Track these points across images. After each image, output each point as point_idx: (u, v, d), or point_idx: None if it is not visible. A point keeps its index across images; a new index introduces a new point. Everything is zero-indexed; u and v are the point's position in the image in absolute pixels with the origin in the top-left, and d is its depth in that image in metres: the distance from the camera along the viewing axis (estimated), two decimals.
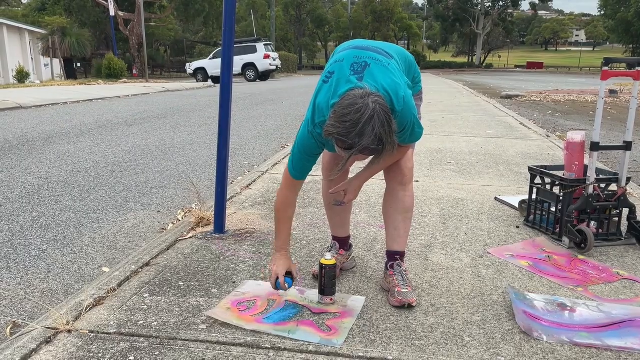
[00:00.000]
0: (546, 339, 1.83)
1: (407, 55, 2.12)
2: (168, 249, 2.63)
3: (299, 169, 2.02)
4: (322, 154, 2.28)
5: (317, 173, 4.25)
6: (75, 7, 34.27)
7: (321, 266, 2.02)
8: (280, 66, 28.40)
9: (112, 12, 26.23)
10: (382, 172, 2.18)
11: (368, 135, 1.65)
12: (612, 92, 15.12)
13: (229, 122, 2.79)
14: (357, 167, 2.07)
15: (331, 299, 2.05)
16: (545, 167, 3.03)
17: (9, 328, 2.04)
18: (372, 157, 1.81)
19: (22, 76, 22.90)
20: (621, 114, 10.40)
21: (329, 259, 2.02)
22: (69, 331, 1.83)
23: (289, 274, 2.07)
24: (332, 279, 2.04)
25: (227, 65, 2.72)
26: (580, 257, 2.62)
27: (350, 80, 1.82)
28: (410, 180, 2.15)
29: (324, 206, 2.45)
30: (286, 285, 2.04)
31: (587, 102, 14.01)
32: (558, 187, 2.87)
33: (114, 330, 1.84)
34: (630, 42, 52.16)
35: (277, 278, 2.04)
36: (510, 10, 61.99)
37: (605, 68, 2.66)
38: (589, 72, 51.44)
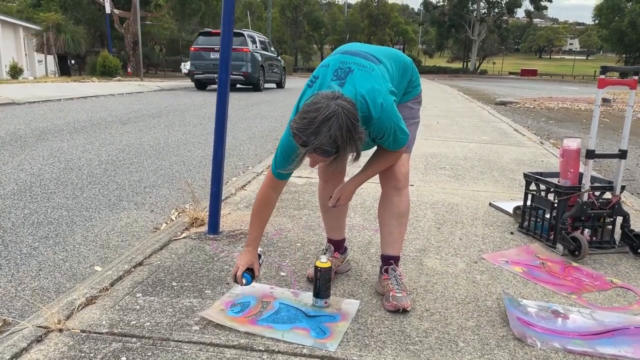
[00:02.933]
0: (540, 346, 1.83)
1: (403, 59, 2.11)
2: (161, 249, 2.61)
3: (281, 169, 2.03)
4: None
5: (312, 175, 4.25)
6: (71, 3, 34.06)
7: (316, 269, 2.01)
8: None
9: (107, 10, 26.11)
10: (377, 176, 2.17)
11: (323, 135, 1.66)
12: (606, 100, 15.23)
13: (226, 122, 2.78)
14: (357, 167, 2.07)
15: (326, 302, 2.04)
16: (541, 174, 3.04)
17: None
18: (334, 160, 1.77)
19: (15, 72, 22.74)
20: (614, 123, 10.47)
21: (324, 261, 2.01)
22: (60, 330, 1.81)
23: (250, 270, 2.05)
24: (327, 282, 2.03)
25: (224, 65, 2.71)
26: (574, 264, 2.62)
27: (331, 86, 1.84)
28: (405, 185, 2.14)
29: (319, 208, 2.45)
30: (243, 280, 2.02)
31: (581, 110, 14.10)
32: (553, 194, 2.88)
33: (106, 330, 1.82)
34: (623, 51, 52.61)
35: (236, 275, 2.03)
36: (505, 18, 62.34)
37: (602, 76, 2.67)
38: (582, 80, 51.82)
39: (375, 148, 2.09)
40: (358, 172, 2.08)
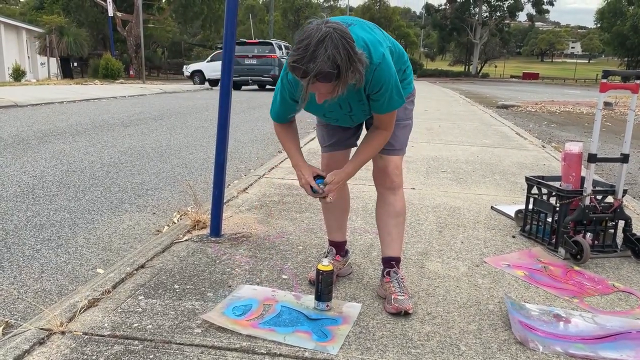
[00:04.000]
0: (542, 350, 1.83)
1: (397, 44, 2.08)
2: (163, 252, 2.62)
3: (275, 112, 2.07)
4: (321, 157, 2.30)
5: None
6: (74, 6, 34.21)
7: (318, 272, 2.01)
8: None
9: (110, 13, 26.21)
10: (372, 180, 2.19)
11: (320, 57, 1.60)
12: (607, 104, 15.22)
13: (228, 125, 2.78)
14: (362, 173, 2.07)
15: (327, 305, 2.05)
16: (542, 178, 3.04)
17: (1, 328, 2.02)
18: (334, 91, 1.71)
19: (18, 74, 22.79)
20: (616, 126, 10.46)
21: (325, 264, 2.01)
22: (63, 332, 1.81)
23: (317, 176, 2.03)
24: (329, 285, 2.03)
25: (227, 68, 2.72)
26: (576, 268, 2.62)
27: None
28: (399, 186, 2.16)
29: (321, 211, 2.45)
30: (321, 186, 2.00)
31: (582, 113, 14.09)
32: (555, 198, 2.88)
33: (108, 333, 1.83)
34: (625, 55, 52.58)
35: (311, 187, 2.00)
36: (507, 21, 62.35)
37: (604, 80, 2.67)
38: (584, 84, 51.80)
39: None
40: (349, 160, 2.08)
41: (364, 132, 2.17)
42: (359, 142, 2.15)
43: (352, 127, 2.19)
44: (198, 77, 25.59)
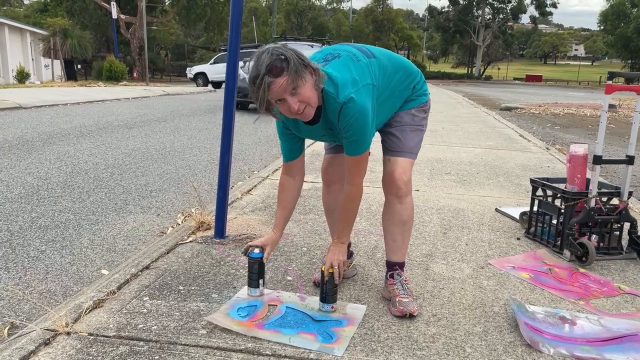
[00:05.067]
0: (552, 353, 1.82)
1: (404, 62, 2.11)
2: (168, 253, 2.62)
3: (284, 151, 2.13)
4: (322, 160, 2.31)
5: (317, 180, 4.25)
6: (77, 9, 34.31)
7: (322, 273, 2.01)
8: None
9: (114, 15, 26.29)
10: (380, 184, 2.18)
11: (265, 57, 1.71)
12: (611, 106, 15.19)
13: (233, 127, 2.79)
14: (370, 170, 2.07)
15: (332, 307, 2.04)
16: (547, 180, 3.04)
17: (6, 329, 2.03)
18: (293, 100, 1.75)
19: (22, 76, 22.87)
20: (620, 128, 10.44)
21: (329, 266, 2.01)
22: (68, 333, 1.82)
23: (260, 248, 2.10)
24: (334, 287, 2.03)
25: (232, 70, 2.72)
26: (582, 270, 2.61)
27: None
28: (407, 193, 2.12)
29: (324, 213, 2.45)
30: (248, 250, 2.10)
31: (586, 115, 14.06)
32: (560, 200, 2.87)
33: (114, 334, 1.83)
34: (628, 57, 52.45)
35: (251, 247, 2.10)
36: (510, 23, 62.22)
37: (610, 82, 2.66)
38: (588, 86, 51.69)
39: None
40: (336, 227, 2.16)
41: None
42: None
43: None
44: (201, 79, 25.67)
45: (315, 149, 5.91)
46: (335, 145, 2.25)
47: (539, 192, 3.03)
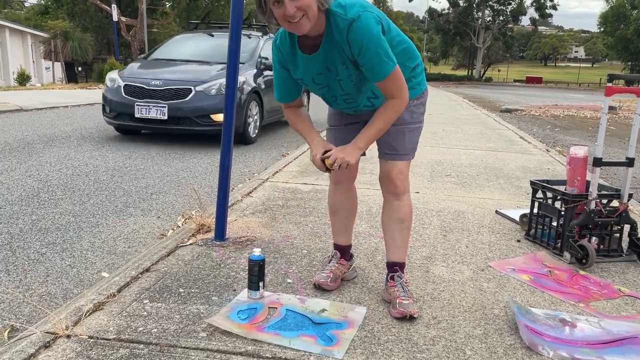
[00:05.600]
0: (552, 355, 1.82)
1: (410, 43, 2.02)
2: (168, 255, 2.62)
3: (278, 89, 2.08)
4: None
5: (318, 182, 4.25)
6: (78, 11, 34.37)
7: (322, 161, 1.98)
8: None
9: (115, 18, 26.30)
10: (376, 184, 2.18)
11: None
12: (611, 108, 15.19)
13: (232, 129, 2.79)
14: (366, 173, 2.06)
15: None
16: (547, 182, 3.04)
17: (6, 332, 2.03)
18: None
19: (23, 79, 22.90)
20: (620, 130, 10.44)
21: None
22: (68, 336, 1.82)
23: (329, 151, 1.98)
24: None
25: (232, 72, 2.72)
26: (582, 272, 2.61)
27: None
28: (404, 191, 2.13)
29: (326, 214, 2.45)
30: (325, 167, 1.95)
31: (586, 117, 14.07)
32: (560, 202, 2.87)
33: (114, 336, 1.83)
34: (629, 59, 52.50)
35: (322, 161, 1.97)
36: (510, 25, 62.31)
37: (609, 84, 2.66)
38: (588, 88, 51.73)
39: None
40: (360, 133, 1.97)
41: None
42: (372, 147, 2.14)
43: (359, 123, 2.11)
44: None
45: None
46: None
47: (539, 194, 3.03)
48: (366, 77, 1.89)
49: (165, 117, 6.45)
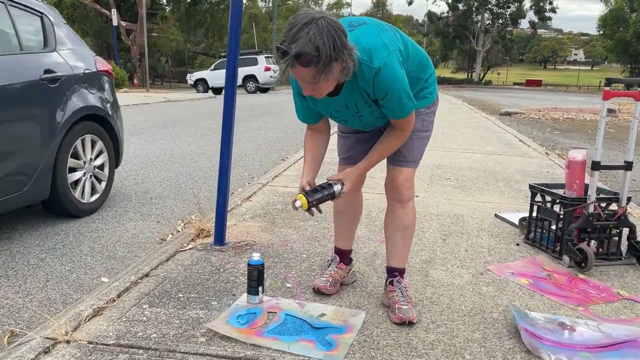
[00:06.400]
0: (553, 359, 1.82)
1: (423, 54, 2.03)
2: (168, 260, 2.62)
3: (299, 112, 2.06)
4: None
5: None
6: (78, 16, 34.46)
7: (328, 184, 1.99)
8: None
9: (114, 22, 26.36)
10: (383, 188, 2.18)
11: (302, 39, 1.58)
12: (611, 111, 15.20)
13: (232, 133, 2.79)
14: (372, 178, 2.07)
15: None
16: (546, 185, 3.04)
17: (6, 337, 2.03)
18: (318, 78, 1.66)
19: None
20: (619, 133, 10.45)
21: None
22: (68, 341, 1.82)
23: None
24: (328, 199, 2.00)
25: (231, 76, 2.73)
26: (581, 276, 2.61)
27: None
28: (409, 199, 2.13)
29: (325, 218, 2.45)
30: (296, 203, 1.93)
31: (586, 120, 14.08)
32: (559, 206, 2.87)
33: (113, 342, 1.83)
34: (628, 61, 52.53)
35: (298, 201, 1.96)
36: (509, 28, 62.38)
37: (607, 88, 2.67)
38: (587, 90, 51.76)
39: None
40: (363, 159, 2.02)
41: None
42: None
43: (367, 132, 2.13)
44: (202, 85, 25.73)
45: (326, 159, 5.90)
46: (350, 154, 2.22)
47: (538, 198, 3.03)
48: None
49: None
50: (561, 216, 2.82)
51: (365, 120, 1.99)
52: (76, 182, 3.62)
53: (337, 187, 1.97)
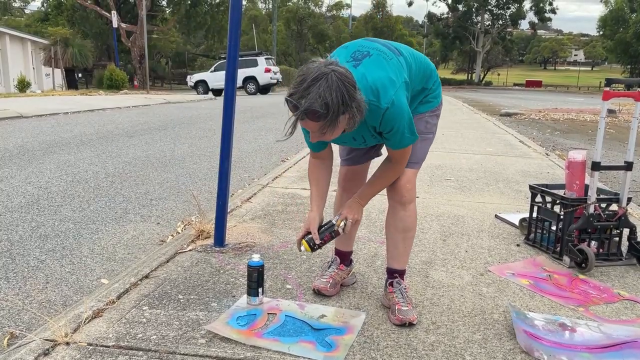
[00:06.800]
0: (547, 359, 1.82)
1: (426, 61, 2.06)
2: (168, 262, 2.62)
3: (306, 140, 2.05)
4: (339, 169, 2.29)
5: None
6: (78, 18, 34.53)
7: (332, 225, 2.05)
8: (281, 80, 28.56)
9: (114, 24, 26.40)
10: (385, 190, 2.18)
11: (311, 95, 1.61)
12: (611, 111, 15.20)
13: (232, 134, 2.79)
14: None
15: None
16: (546, 186, 3.04)
17: (6, 339, 2.03)
18: (327, 130, 1.70)
19: (23, 85, 22.95)
20: (620, 134, 10.45)
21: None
22: (67, 343, 1.82)
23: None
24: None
25: (230, 78, 2.73)
26: (581, 276, 2.61)
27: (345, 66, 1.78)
28: (411, 200, 2.13)
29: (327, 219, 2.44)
30: (301, 247, 2.03)
31: (586, 121, 14.08)
32: (559, 206, 2.87)
33: (113, 343, 1.83)
34: (628, 62, 52.54)
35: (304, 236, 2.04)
36: (509, 29, 62.39)
37: (607, 88, 2.67)
38: (588, 91, 51.74)
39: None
40: (362, 187, 2.09)
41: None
42: (382, 151, 2.16)
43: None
44: (202, 87, 25.76)
45: None
46: (352, 156, 2.23)
47: (538, 199, 3.03)
48: None
49: None
50: (561, 217, 2.82)
51: (370, 143, 2.07)
52: None
53: (341, 225, 2.04)
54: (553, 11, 57.95)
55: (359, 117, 1.71)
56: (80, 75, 31.00)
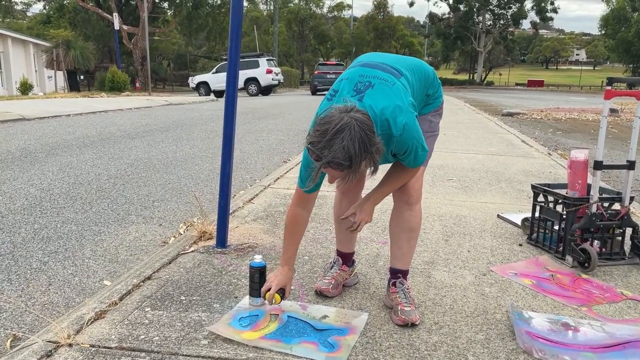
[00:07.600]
0: (550, 359, 1.81)
1: (424, 69, 2.08)
2: (170, 263, 2.62)
3: (300, 175, 2.04)
4: None
5: (321, 188, 4.25)
6: (80, 20, 34.61)
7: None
8: (282, 81, 28.59)
9: (116, 26, 26.46)
10: None
11: (335, 147, 1.63)
12: (613, 110, 15.16)
13: (233, 136, 2.80)
14: (375, 180, 2.07)
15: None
16: (549, 185, 3.03)
17: (9, 341, 2.03)
18: (352, 174, 1.73)
19: (25, 88, 23.02)
20: (622, 133, 10.43)
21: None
22: (70, 345, 1.82)
23: (281, 290, 2.07)
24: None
25: (232, 79, 2.74)
26: (584, 276, 2.60)
27: (346, 99, 1.80)
28: (417, 201, 2.13)
29: (327, 220, 2.45)
30: (273, 300, 2.04)
31: (588, 120, 14.05)
32: (561, 206, 2.86)
33: (115, 345, 1.83)
34: (630, 61, 52.46)
35: (269, 289, 2.04)
36: (511, 29, 62.35)
37: (609, 87, 2.67)
38: (590, 90, 51.68)
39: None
40: (374, 189, 2.07)
41: None
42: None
43: None
44: (203, 88, 25.78)
45: None
46: None
47: (541, 198, 3.03)
48: None
49: None
50: (564, 216, 2.81)
51: (384, 163, 2.07)
52: None
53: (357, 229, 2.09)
54: (554, 10, 57.89)
55: (378, 158, 1.74)
56: (82, 77, 31.05)
